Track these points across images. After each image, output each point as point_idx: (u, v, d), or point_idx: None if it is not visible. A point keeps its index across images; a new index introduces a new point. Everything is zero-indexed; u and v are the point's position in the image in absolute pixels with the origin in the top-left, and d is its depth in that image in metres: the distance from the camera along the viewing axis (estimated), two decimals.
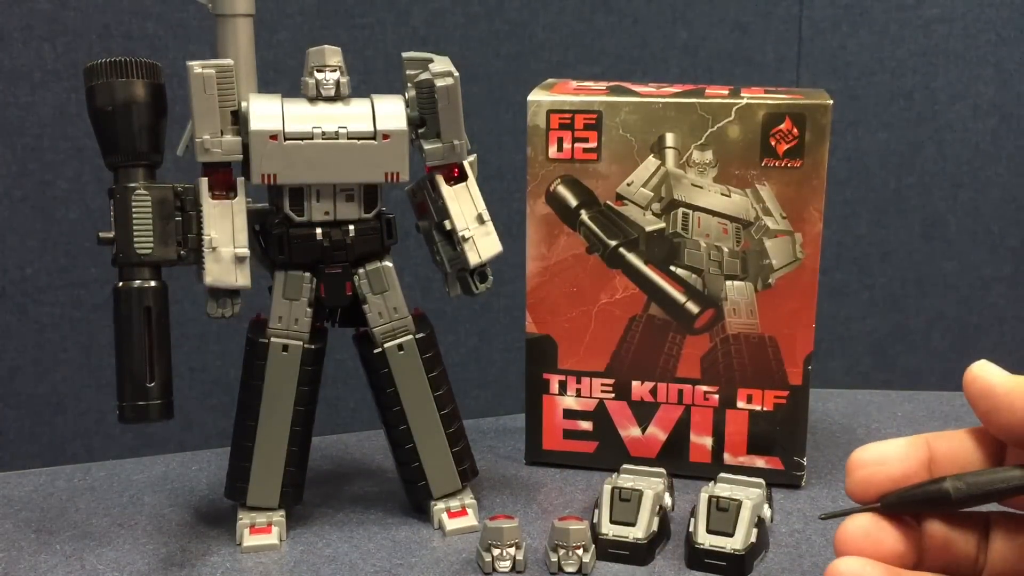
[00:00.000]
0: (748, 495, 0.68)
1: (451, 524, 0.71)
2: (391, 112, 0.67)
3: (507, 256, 0.71)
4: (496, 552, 0.66)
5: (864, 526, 0.45)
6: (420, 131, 0.68)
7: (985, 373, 0.44)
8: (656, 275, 0.77)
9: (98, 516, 0.74)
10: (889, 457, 0.45)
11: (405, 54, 0.69)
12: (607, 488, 0.70)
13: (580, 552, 0.66)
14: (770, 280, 0.75)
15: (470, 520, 0.72)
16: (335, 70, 0.66)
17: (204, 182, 0.66)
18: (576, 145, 0.76)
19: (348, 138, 0.66)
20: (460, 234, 0.69)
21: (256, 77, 0.68)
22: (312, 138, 0.65)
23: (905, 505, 0.45)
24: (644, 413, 0.79)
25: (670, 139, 0.75)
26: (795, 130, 0.73)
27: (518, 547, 0.66)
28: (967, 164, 1.55)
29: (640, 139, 0.75)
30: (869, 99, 1.51)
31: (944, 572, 0.45)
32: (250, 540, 0.69)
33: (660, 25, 1.45)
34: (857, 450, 0.46)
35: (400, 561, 0.68)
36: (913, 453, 0.45)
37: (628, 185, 0.76)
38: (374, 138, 0.66)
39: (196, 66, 0.64)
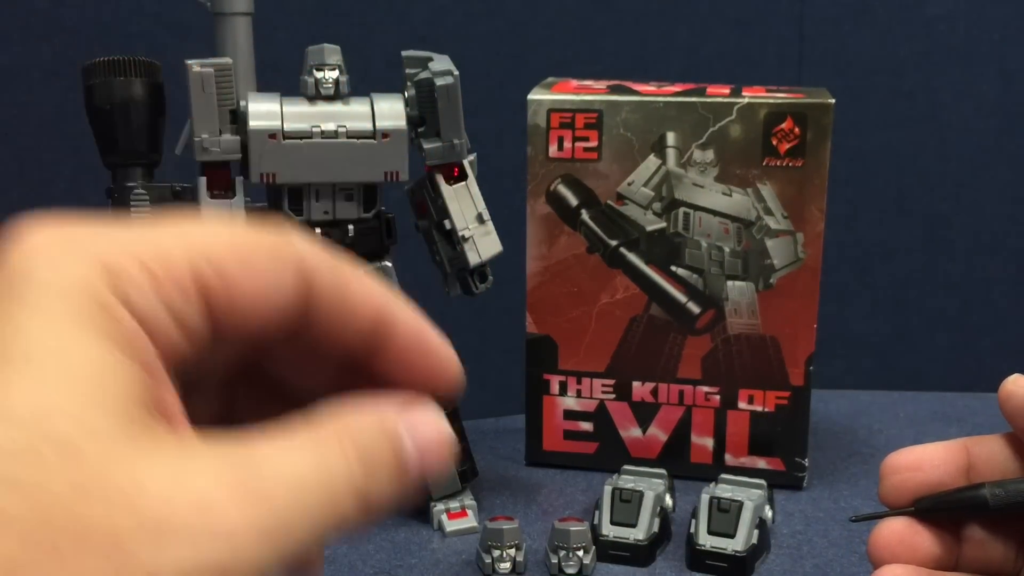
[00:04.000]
0: (749, 496, 0.68)
1: (451, 525, 0.71)
2: (391, 111, 0.66)
3: (507, 256, 0.71)
4: (496, 553, 0.66)
5: (899, 530, 0.44)
6: (420, 130, 0.68)
7: (1021, 389, 0.43)
8: (657, 275, 0.76)
9: None
10: (925, 463, 0.44)
11: (405, 53, 0.69)
12: (608, 489, 0.69)
13: (580, 553, 0.65)
14: (771, 280, 0.75)
15: (470, 521, 0.71)
16: (334, 69, 0.66)
17: (203, 181, 0.65)
18: (576, 144, 0.75)
19: (347, 137, 0.65)
20: (460, 234, 0.68)
21: (255, 76, 0.68)
22: (311, 137, 0.65)
23: (940, 510, 0.44)
24: (645, 414, 0.79)
25: (671, 138, 0.74)
26: (796, 129, 0.72)
27: (518, 548, 0.66)
28: (969, 164, 1.54)
29: (641, 138, 0.74)
30: (871, 98, 1.50)
31: (981, 574, 0.45)
32: None
33: (661, 24, 1.45)
34: (891, 455, 0.44)
35: (399, 563, 0.67)
36: (951, 459, 0.44)
37: (629, 184, 0.75)
38: (373, 137, 0.66)
39: (195, 65, 0.64)
